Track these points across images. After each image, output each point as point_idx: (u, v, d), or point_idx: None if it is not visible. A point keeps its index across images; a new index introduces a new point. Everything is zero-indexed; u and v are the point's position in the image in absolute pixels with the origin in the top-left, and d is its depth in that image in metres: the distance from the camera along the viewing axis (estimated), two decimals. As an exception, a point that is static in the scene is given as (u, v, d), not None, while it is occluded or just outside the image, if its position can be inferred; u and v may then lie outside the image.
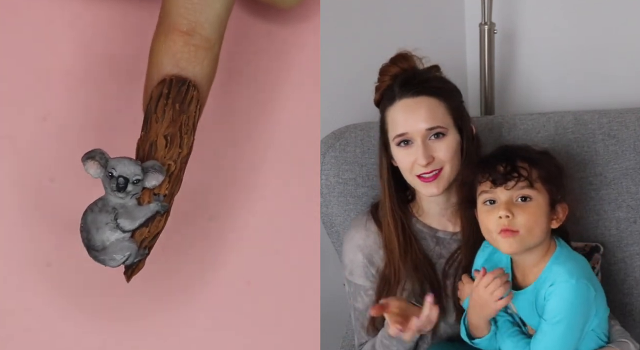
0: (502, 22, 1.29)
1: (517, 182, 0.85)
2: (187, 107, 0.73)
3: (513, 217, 0.84)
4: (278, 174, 0.88)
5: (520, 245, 0.85)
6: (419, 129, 0.91)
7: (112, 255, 0.72)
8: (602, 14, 1.26)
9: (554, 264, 0.87)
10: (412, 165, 0.92)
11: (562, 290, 0.85)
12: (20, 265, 0.84)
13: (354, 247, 0.99)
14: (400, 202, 0.97)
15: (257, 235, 0.87)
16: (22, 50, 0.86)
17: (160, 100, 0.73)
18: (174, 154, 0.73)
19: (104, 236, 0.72)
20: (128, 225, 0.72)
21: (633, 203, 1.05)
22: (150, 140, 0.72)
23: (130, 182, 0.70)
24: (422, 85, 0.93)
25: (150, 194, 0.73)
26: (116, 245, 0.72)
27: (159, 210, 0.73)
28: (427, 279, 0.95)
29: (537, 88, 1.34)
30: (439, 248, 0.97)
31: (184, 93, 0.73)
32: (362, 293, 0.98)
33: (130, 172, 0.70)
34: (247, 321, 0.86)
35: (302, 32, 0.90)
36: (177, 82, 0.72)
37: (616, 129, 1.06)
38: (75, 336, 0.84)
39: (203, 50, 0.73)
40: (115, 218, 0.72)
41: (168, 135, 0.72)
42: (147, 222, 0.73)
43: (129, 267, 0.74)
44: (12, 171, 0.85)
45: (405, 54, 0.96)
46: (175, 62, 0.73)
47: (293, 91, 0.89)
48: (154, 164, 0.72)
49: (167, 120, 0.72)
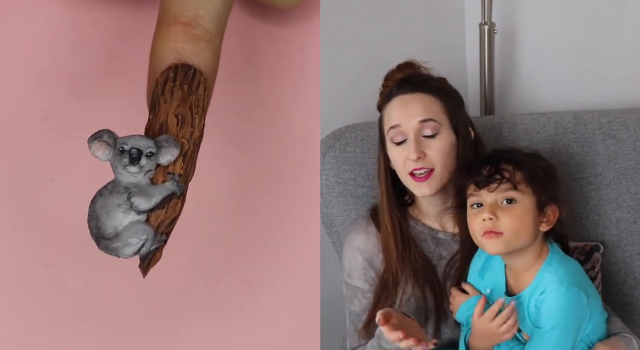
0: (502, 22, 1.30)
1: (500, 184, 0.85)
2: (195, 89, 0.70)
3: (497, 219, 0.84)
4: (278, 174, 0.88)
5: (505, 246, 0.85)
6: (412, 121, 0.91)
7: (126, 241, 0.66)
8: (602, 14, 1.26)
9: (545, 271, 0.86)
10: (404, 162, 0.92)
11: (553, 298, 0.84)
12: (20, 265, 0.84)
13: (354, 249, 0.99)
14: (399, 204, 0.97)
15: (257, 235, 0.87)
16: (22, 50, 0.86)
17: (167, 84, 0.69)
18: (187, 133, 0.69)
19: (116, 220, 0.66)
20: (143, 204, 0.66)
21: (633, 203, 1.05)
22: (160, 121, 0.69)
23: (144, 154, 0.65)
24: (420, 83, 0.93)
25: (164, 173, 0.68)
26: (130, 228, 0.66)
27: (174, 190, 0.67)
28: (427, 282, 0.95)
29: (537, 88, 1.34)
30: (439, 249, 0.97)
31: (191, 76, 0.70)
32: (359, 295, 0.98)
33: (143, 144, 0.66)
34: (247, 321, 0.86)
35: (302, 33, 0.90)
36: (182, 67, 0.70)
37: (616, 129, 1.06)
38: (75, 336, 0.84)
39: (205, 41, 0.72)
40: (129, 198, 0.66)
41: (179, 114, 0.69)
42: (163, 203, 0.67)
43: (145, 258, 0.69)
44: (12, 171, 0.85)
45: (411, 62, 0.97)
46: (177, 52, 0.71)
47: (293, 91, 0.89)
48: (168, 138, 0.67)
49: (177, 99, 0.69)
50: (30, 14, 0.87)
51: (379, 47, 1.21)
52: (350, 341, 1.01)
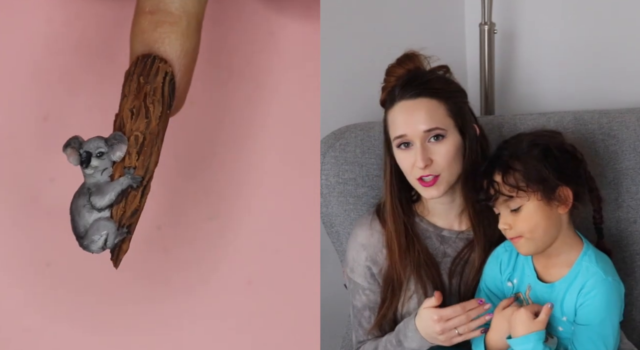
0: (502, 22, 1.29)
1: (498, 198, 0.87)
2: (152, 78, 0.72)
3: (511, 228, 0.86)
4: (278, 174, 0.88)
5: (531, 247, 0.87)
6: (417, 131, 0.90)
7: (91, 238, 0.71)
8: (602, 14, 1.26)
9: (583, 260, 0.88)
10: (411, 168, 0.92)
11: (602, 289, 0.85)
12: (20, 265, 0.84)
13: (357, 245, 0.99)
14: (404, 201, 0.97)
15: (257, 235, 0.87)
16: (22, 50, 0.86)
17: (127, 80, 0.72)
18: (141, 125, 0.71)
19: (84, 220, 0.70)
20: (99, 202, 0.70)
21: (633, 203, 1.05)
22: (119, 117, 0.72)
23: (94, 155, 0.70)
24: (422, 86, 0.92)
25: (121, 168, 0.71)
26: (94, 225, 0.70)
27: (130, 184, 0.71)
28: (429, 278, 0.95)
29: (537, 88, 1.34)
30: (443, 247, 0.97)
31: (148, 65, 0.72)
32: (360, 292, 0.98)
33: (93, 146, 0.70)
34: (247, 321, 0.86)
35: (302, 32, 0.90)
36: (142, 58, 0.72)
37: (616, 129, 1.06)
38: (75, 336, 0.84)
39: (167, 24, 0.73)
40: (89, 197, 0.70)
41: (133, 108, 0.72)
42: (120, 198, 0.71)
43: (113, 250, 0.72)
44: (12, 171, 0.85)
45: (410, 55, 0.96)
46: (142, 42, 0.73)
47: (293, 91, 0.89)
48: (115, 134, 0.71)
49: (132, 93, 0.72)
50: (30, 14, 0.87)
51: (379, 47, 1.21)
52: (355, 334, 1.01)
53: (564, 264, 0.88)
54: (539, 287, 0.89)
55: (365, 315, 0.98)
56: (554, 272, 0.89)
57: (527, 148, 0.89)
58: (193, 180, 0.86)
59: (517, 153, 0.88)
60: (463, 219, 0.97)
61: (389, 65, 0.96)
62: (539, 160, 0.87)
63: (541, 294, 0.89)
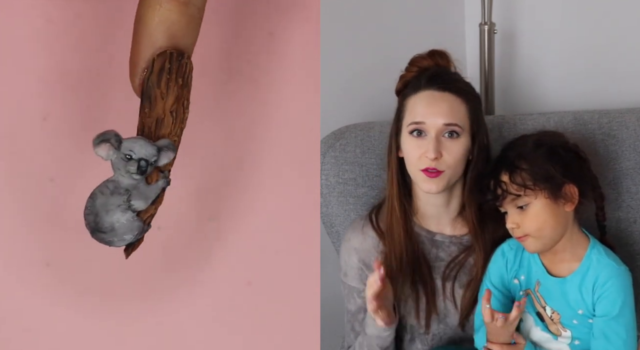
0: (502, 22, 1.30)
1: (506, 197, 0.88)
2: (187, 81, 0.72)
3: (519, 226, 0.88)
4: (278, 174, 0.88)
5: (539, 245, 0.88)
6: (436, 122, 0.90)
7: (122, 237, 0.71)
8: (602, 14, 1.26)
9: (592, 254, 0.89)
10: (419, 157, 0.91)
11: (617, 278, 0.87)
12: (20, 265, 0.84)
13: (350, 249, 0.99)
14: (407, 193, 0.97)
15: (257, 235, 0.87)
16: (22, 50, 0.86)
17: (162, 75, 0.71)
18: (178, 130, 0.72)
19: (114, 218, 0.70)
20: (142, 206, 0.71)
21: (633, 203, 1.05)
22: (156, 116, 0.71)
23: (150, 163, 0.70)
24: (452, 82, 0.93)
25: (157, 171, 0.72)
26: (126, 226, 0.71)
27: (164, 186, 0.73)
28: (420, 279, 0.95)
29: (537, 88, 1.34)
30: (435, 250, 0.97)
31: (184, 67, 0.71)
32: (354, 295, 0.98)
33: (149, 153, 0.70)
34: (247, 321, 0.86)
35: (302, 33, 0.90)
36: (177, 56, 0.70)
37: (616, 129, 1.06)
38: (75, 336, 0.84)
39: (195, 21, 0.71)
40: (129, 199, 0.71)
41: (174, 112, 0.71)
42: (155, 199, 0.72)
43: (130, 245, 0.73)
44: (12, 171, 0.85)
45: (442, 52, 0.96)
46: (171, 34, 0.70)
47: (293, 91, 0.89)
48: (168, 144, 0.71)
49: (173, 96, 0.71)
50: (30, 14, 0.87)
51: (379, 47, 1.21)
52: (347, 339, 1.01)
53: (573, 258, 0.89)
54: (550, 281, 0.90)
55: (359, 318, 0.98)
56: (563, 267, 0.90)
57: (533, 148, 0.89)
58: (193, 180, 0.86)
59: (523, 153, 0.89)
60: (457, 224, 0.97)
61: (415, 55, 0.96)
62: (545, 159, 0.88)
63: (553, 289, 0.89)
